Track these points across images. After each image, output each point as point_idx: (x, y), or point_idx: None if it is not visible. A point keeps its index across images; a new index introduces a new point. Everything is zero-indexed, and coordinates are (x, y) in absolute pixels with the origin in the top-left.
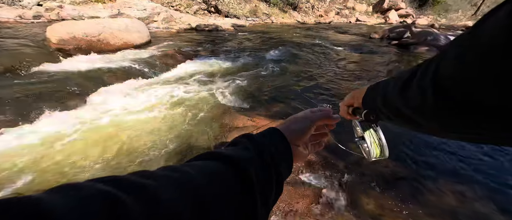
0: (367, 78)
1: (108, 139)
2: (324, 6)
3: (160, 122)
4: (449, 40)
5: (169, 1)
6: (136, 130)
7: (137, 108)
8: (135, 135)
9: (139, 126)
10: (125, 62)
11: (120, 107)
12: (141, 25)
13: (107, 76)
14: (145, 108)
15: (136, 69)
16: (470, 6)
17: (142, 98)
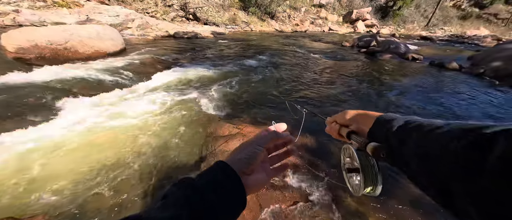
0: (342, 84)
1: (76, 157)
2: (299, 15)
3: (138, 135)
4: (407, 48)
5: (144, 7)
6: (109, 145)
7: (111, 122)
8: (108, 152)
9: (113, 141)
10: (96, 72)
11: (92, 121)
12: (114, 32)
13: (76, 88)
14: (120, 121)
15: (110, 79)
16: (423, 18)
17: (117, 110)
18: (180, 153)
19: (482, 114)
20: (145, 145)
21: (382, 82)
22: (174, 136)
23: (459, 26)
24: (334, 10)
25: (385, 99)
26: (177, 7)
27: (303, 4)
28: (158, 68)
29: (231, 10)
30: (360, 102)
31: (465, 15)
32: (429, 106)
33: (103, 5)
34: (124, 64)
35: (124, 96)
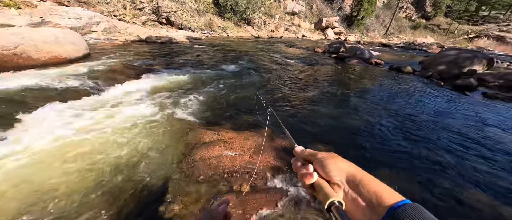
0: (316, 87)
1: (29, 181)
2: (274, 22)
3: (105, 149)
4: (371, 54)
5: (111, 10)
6: (69, 163)
7: (72, 136)
8: (69, 171)
9: (74, 158)
10: (54, 80)
11: (49, 138)
12: (76, 36)
13: (29, 99)
14: (83, 134)
15: (72, 88)
16: (382, 27)
17: (80, 122)
18: (155, 165)
19: (429, 110)
20: (114, 159)
21: (352, 85)
22: (148, 147)
23: (411, 34)
24: (306, 18)
25: (354, 100)
26: (148, 10)
27: (277, 11)
28: (129, 75)
29: (207, 15)
30: (332, 104)
31: (415, 25)
32: (389, 106)
33: (62, 7)
34: (89, 71)
35: (89, 106)
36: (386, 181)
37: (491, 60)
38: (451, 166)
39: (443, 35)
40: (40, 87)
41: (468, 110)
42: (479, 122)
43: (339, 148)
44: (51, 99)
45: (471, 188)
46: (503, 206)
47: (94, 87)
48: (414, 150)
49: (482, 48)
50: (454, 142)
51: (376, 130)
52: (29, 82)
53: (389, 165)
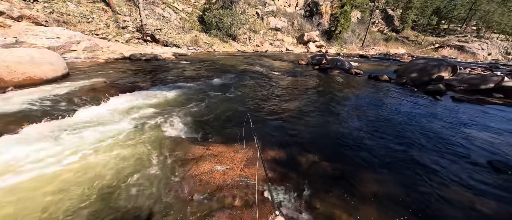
0: (302, 98)
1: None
2: (259, 37)
3: (88, 173)
4: (350, 64)
5: (93, 29)
6: (48, 187)
7: (51, 160)
8: (45, 206)
9: (53, 185)
10: (26, 103)
11: (24, 162)
12: (54, 56)
13: None
14: (60, 162)
15: (48, 109)
16: (359, 40)
17: (60, 145)
18: (141, 186)
19: (408, 114)
20: (95, 184)
21: (336, 94)
22: (133, 167)
23: (384, 46)
24: (289, 33)
25: (339, 108)
26: (132, 28)
27: (261, 27)
28: (111, 93)
29: (193, 32)
30: (318, 113)
31: (387, 38)
32: (371, 112)
33: (39, 27)
34: (68, 91)
35: (66, 128)
36: (371, 184)
37: (455, 67)
38: (431, 165)
39: (412, 46)
40: (12, 110)
41: (441, 112)
42: (452, 122)
43: (326, 155)
44: (19, 124)
45: (450, 184)
46: (479, 198)
47: (72, 107)
48: (397, 152)
49: (446, 56)
50: (433, 142)
51: (361, 135)
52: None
53: (374, 167)
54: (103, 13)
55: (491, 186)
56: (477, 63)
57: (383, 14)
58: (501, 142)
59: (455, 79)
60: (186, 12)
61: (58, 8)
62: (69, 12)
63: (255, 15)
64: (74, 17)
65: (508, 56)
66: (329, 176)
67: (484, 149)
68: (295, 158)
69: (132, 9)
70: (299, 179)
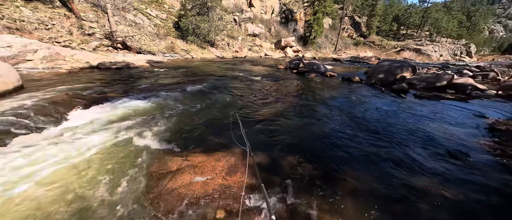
0: (282, 100)
1: None
2: (237, 43)
3: (48, 198)
4: (326, 68)
5: (53, 36)
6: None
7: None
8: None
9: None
10: None
11: None
12: (5, 67)
13: None
14: (15, 188)
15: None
16: (331, 45)
17: (12, 168)
18: (112, 208)
19: (378, 111)
20: (58, 209)
21: (313, 96)
22: (102, 187)
23: (354, 50)
24: (266, 39)
25: (317, 109)
26: (100, 35)
27: (239, 33)
28: (75, 106)
29: (168, 38)
30: (299, 115)
31: (356, 42)
32: (346, 110)
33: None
34: (21, 106)
35: (21, 148)
36: (351, 180)
37: (414, 67)
38: (401, 157)
39: (378, 50)
40: None
41: (406, 108)
42: (416, 117)
43: (307, 156)
44: None
45: (418, 173)
46: (441, 184)
47: (27, 124)
48: (371, 148)
49: (407, 58)
50: (401, 136)
51: (339, 134)
52: None
53: (352, 164)
54: (65, 19)
55: (451, 171)
56: (432, 64)
57: (351, 21)
58: (456, 132)
59: (415, 79)
60: (161, 19)
61: (10, 14)
62: (23, 19)
63: (233, 21)
64: (30, 23)
65: (456, 57)
66: (312, 176)
67: (443, 139)
68: (277, 161)
69: (99, 15)
70: (282, 181)
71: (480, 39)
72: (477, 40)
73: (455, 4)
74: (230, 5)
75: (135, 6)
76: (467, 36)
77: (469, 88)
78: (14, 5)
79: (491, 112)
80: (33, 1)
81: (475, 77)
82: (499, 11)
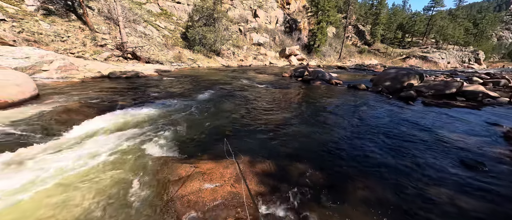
0: (288, 108)
1: None
2: (243, 52)
3: (61, 203)
4: (330, 75)
5: (68, 47)
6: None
7: (16, 194)
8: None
9: (22, 215)
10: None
11: None
12: (22, 77)
13: None
14: (32, 189)
15: (13, 135)
16: (336, 53)
17: (26, 176)
18: (123, 214)
19: (387, 118)
20: (71, 214)
21: (319, 103)
22: (113, 192)
23: (359, 58)
24: (271, 48)
25: (324, 117)
26: (111, 46)
27: (244, 43)
28: (88, 114)
29: (176, 48)
30: (305, 123)
31: (361, 50)
32: (354, 118)
33: (5, 46)
34: (36, 114)
35: (36, 155)
36: (360, 189)
37: (421, 75)
38: (413, 167)
39: (383, 57)
40: None
41: (416, 116)
42: (426, 125)
43: (315, 164)
44: None
45: (431, 183)
46: (456, 194)
47: (41, 132)
48: (381, 157)
49: (413, 66)
50: (412, 145)
51: (346, 142)
52: None
53: (361, 173)
54: (79, 32)
55: (465, 181)
56: (439, 71)
57: (355, 29)
58: (469, 141)
59: (423, 86)
60: (169, 30)
61: (29, 27)
62: (41, 31)
63: (238, 31)
64: (47, 36)
65: (464, 64)
66: (319, 185)
67: (455, 148)
68: (285, 169)
69: (111, 27)
70: (290, 190)
71: (488, 46)
72: (485, 47)
73: (460, 12)
74: (236, 16)
75: (145, 18)
76: (474, 43)
77: (480, 95)
78: (34, 19)
79: (505, 119)
80: (51, 15)
81: (486, 84)
82: (507, 18)
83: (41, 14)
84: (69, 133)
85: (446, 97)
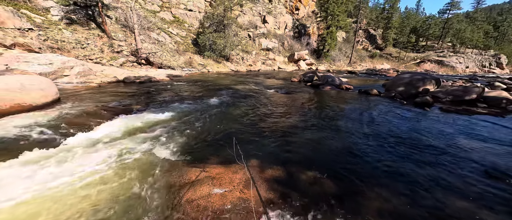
0: (297, 113)
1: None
2: (251, 57)
3: (73, 205)
4: (341, 80)
5: (87, 54)
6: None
7: (35, 191)
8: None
9: (38, 215)
10: (11, 131)
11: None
12: (46, 82)
13: None
14: (47, 188)
15: (34, 137)
16: (346, 58)
17: (44, 175)
18: (135, 216)
19: (402, 126)
20: (82, 215)
21: (330, 109)
22: (125, 195)
23: (370, 62)
24: (280, 53)
25: (334, 123)
26: (127, 53)
27: (253, 48)
28: (104, 117)
29: (187, 54)
30: (315, 129)
31: (372, 55)
32: (366, 125)
33: (32, 53)
34: (57, 117)
35: (54, 156)
36: (374, 199)
37: (438, 80)
38: (432, 177)
39: (396, 62)
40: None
41: (433, 123)
42: (445, 133)
43: (326, 172)
44: (9, 153)
45: (452, 195)
46: (480, 208)
47: (61, 133)
48: (397, 166)
49: (428, 70)
50: (430, 153)
51: (359, 150)
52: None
53: (375, 183)
54: (98, 39)
55: (490, 194)
56: (457, 76)
57: (366, 34)
58: (493, 150)
59: (440, 91)
60: (181, 36)
61: (53, 36)
62: (64, 39)
63: (247, 37)
64: (69, 43)
65: (484, 69)
66: (331, 194)
67: (479, 157)
68: (295, 176)
69: (127, 35)
70: (300, 199)
71: (511, 49)
72: (507, 50)
73: (479, 15)
74: (245, 22)
75: (158, 26)
76: (495, 47)
77: (504, 102)
78: (58, 28)
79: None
80: (73, 24)
81: (510, 90)
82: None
83: (65, 23)
84: (86, 134)
85: (466, 104)
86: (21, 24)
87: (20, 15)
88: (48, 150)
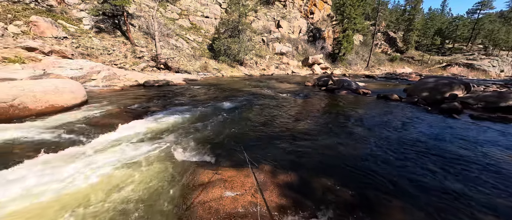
0: (312, 119)
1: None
2: (265, 62)
3: (92, 201)
4: (357, 85)
5: (113, 59)
6: (57, 215)
7: (60, 185)
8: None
9: (61, 209)
10: (46, 130)
11: (37, 187)
12: (76, 85)
13: (17, 149)
14: (70, 183)
15: (63, 136)
16: (363, 61)
17: (68, 171)
18: (149, 214)
19: (428, 135)
20: (99, 213)
21: (346, 115)
22: (141, 193)
23: (389, 66)
24: (294, 57)
25: (351, 129)
26: (147, 58)
27: (267, 53)
28: (125, 118)
29: (202, 59)
30: (330, 134)
31: (392, 58)
32: (385, 131)
33: (65, 59)
34: (84, 117)
35: (79, 154)
36: (395, 212)
37: (468, 85)
38: (462, 193)
39: (419, 65)
40: (29, 138)
41: (463, 131)
42: (477, 143)
43: (342, 180)
44: (39, 149)
45: (484, 214)
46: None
47: (86, 133)
48: (422, 177)
49: (457, 74)
50: (459, 165)
51: (379, 158)
52: (17, 133)
53: (397, 194)
54: (122, 46)
55: None
56: (490, 81)
57: (385, 37)
58: None
59: (470, 97)
60: (197, 42)
61: (84, 43)
62: (93, 46)
63: (261, 41)
64: (97, 50)
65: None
66: (347, 203)
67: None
68: (308, 182)
69: (148, 41)
70: (314, 206)
71: None
72: None
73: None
74: (259, 27)
75: (177, 32)
76: None
77: None
78: (88, 36)
79: None
80: (101, 32)
81: None
82: None
83: (94, 32)
84: (108, 135)
85: (501, 111)
86: (57, 33)
87: (57, 25)
88: (77, 146)
